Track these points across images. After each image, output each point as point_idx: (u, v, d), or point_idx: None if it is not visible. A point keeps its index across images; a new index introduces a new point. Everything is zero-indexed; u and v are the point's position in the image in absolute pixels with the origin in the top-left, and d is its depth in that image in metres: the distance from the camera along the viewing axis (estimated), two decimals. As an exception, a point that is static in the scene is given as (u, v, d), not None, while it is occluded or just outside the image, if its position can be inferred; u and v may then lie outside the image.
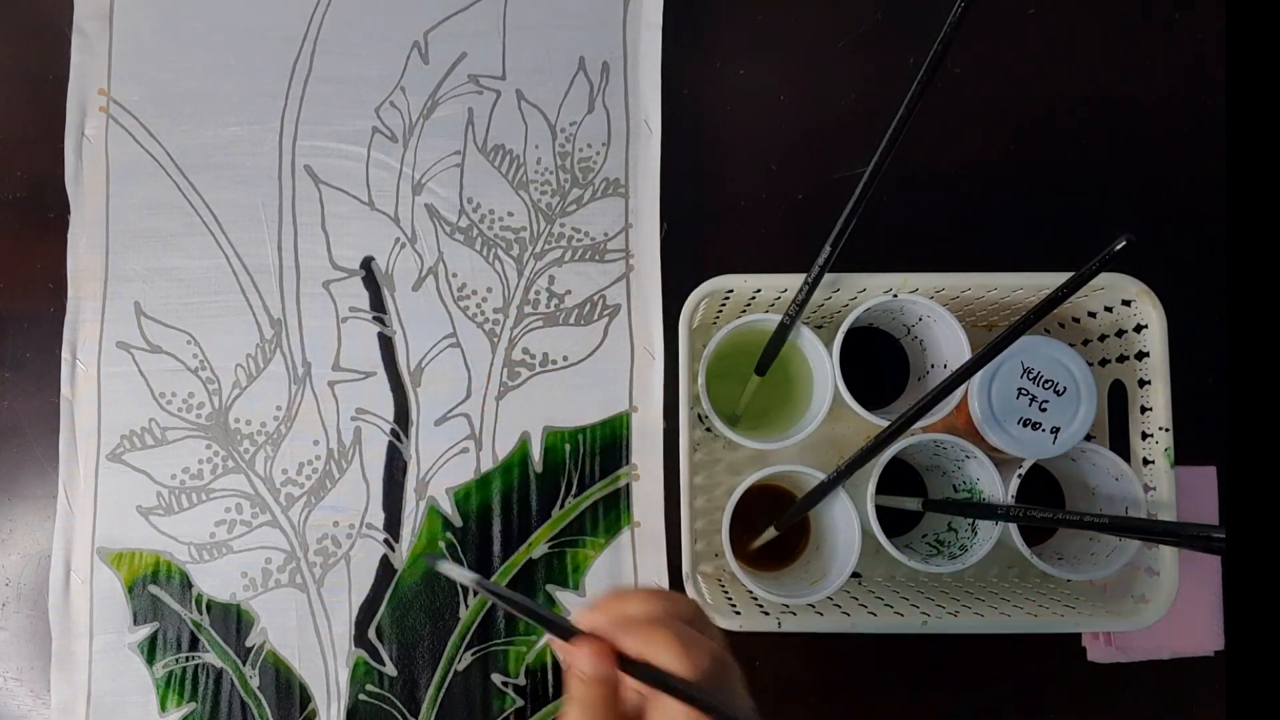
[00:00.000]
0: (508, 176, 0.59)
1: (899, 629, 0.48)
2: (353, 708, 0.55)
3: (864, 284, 0.49)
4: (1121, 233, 0.35)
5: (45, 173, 0.59)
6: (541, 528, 0.56)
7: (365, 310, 0.58)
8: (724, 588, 0.54)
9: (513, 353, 0.58)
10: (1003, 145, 0.59)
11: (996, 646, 0.55)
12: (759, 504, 0.52)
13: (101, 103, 0.60)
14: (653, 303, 0.58)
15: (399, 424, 0.57)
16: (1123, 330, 0.51)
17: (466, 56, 0.60)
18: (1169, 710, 0.56)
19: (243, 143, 0.59)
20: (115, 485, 0.57)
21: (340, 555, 0.56)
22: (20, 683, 0.57)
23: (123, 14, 0.60)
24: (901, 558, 0.48)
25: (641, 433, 0.57)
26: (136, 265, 0.59)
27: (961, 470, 0.52)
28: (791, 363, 0.53)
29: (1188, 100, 0.59)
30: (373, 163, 0.59)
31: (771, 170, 0.59)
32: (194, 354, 0.58)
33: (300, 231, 0.59)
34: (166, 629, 0.56)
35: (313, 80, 0.60)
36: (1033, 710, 0.56)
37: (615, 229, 0.59)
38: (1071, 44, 0.60)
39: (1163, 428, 0.48)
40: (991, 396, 0.48)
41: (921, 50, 0.38)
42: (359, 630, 0.56)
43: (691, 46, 0.60)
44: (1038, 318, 0.41)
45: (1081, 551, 0.52)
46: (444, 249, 0.59)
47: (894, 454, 0.48)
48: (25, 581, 0.58)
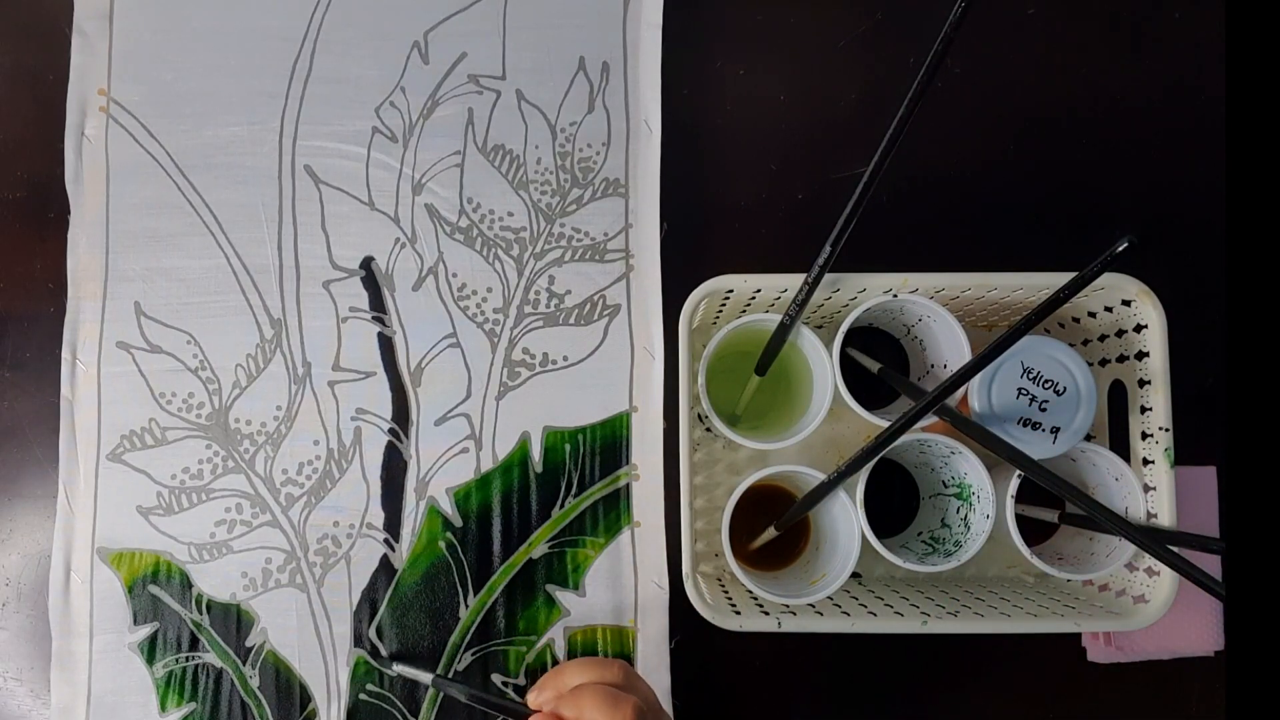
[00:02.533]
0: (508, 176, 0.59)
1: (899, 629, 0.48)
2: (353, 708, 0.55)
3: (864, 284, 0.49)
4: (1121, 233, 0.35)
5: (45, 173, 0.59)
6: (541, 528, 0.56)
7: (365, 310, 0.58)
8: (724, 588, 0.54)
9: (513, 353, 0.58)
10: (1003, 145, 0.59)
11: (996, 646, 0.55)
12: (759, 504, 0.52)
13: (101, 103, 0.60)
14: (653, 303, 0.58)
15: (399, 424, 0.57)
16: (1123, 330, 0.51)
17: (466, 56, 0.60)
18: (1169, 710, 0.56)
19: (243, 143, 0.59)
20: (115, 485, 0.57)
21: (340, 555, 0.56)
22: (20, 683, 0.57)
23: (123, 14, 0.60)
24: (897, 560, 0.48)
25: (641, 433, 0.57)
26: (136, 265, 0.59)
27: (949, 466, 0.52)
28: (791, 363, 0.53)
29: (1188, 100, 0.59)
30: (373, 163, 0.59)
31: (771, 170, 0.59)
32: (194, 354, 0.58)
33: (300, 231, 0.59)
34: (166, 629, 0.56)
35: (313, 80, 0.60)
36: (1033, 710, 0.56)
37: (615, 229, 0.59)
38: (1071, 44, 0.60)
39: (1163, 428, 0.48)
40: (991, 396, 0.48)
41: (921, 50, 0.38)
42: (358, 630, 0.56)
43: (691, 46, 0.60)
44: (1039, 319, 0.41)
45: (1081, 551, 0.52)
46: (444, 249, 0.59)
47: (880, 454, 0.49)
48: (25, 581, 0.58)
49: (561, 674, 0.42)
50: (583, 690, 0.40)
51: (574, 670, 0.42)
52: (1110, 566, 0.49)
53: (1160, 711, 0.56)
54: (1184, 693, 0.56)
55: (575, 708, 0.39)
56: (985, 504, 0.49)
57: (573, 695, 0.40)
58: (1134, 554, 0.49)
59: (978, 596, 0.52)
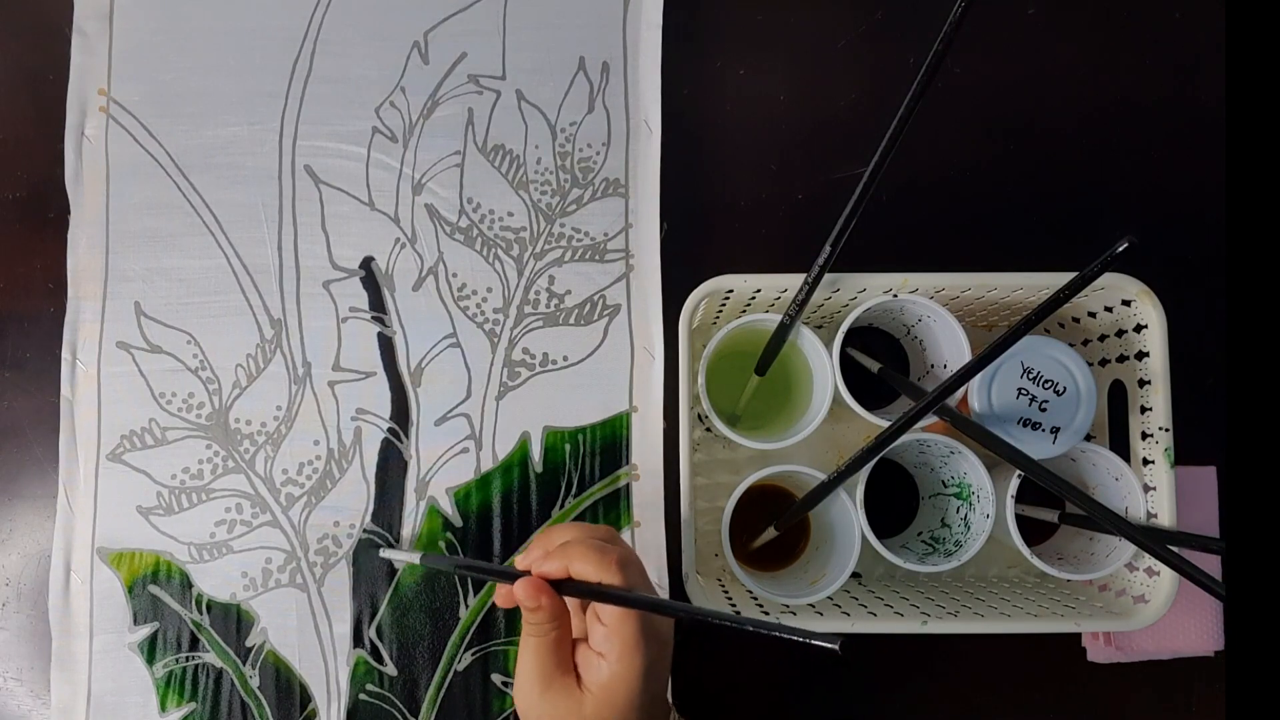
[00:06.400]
0: (508, 176, 0.59)
1: (899, 629, 0.48)
2: (353, 708, 0.55)
3: (864, 284, 0.49)
4: (1121, 233, 0.35)
5: (45, 173, 0.59)
6: (542, 527, 0.56)
7: (365, 310, 0.58)
8: (724, 588, 0.54)
9: (513, 353, 0.58)
10: (1003, 145, 0.59)
11: (996, 646, 0.55)
12: (759, 504, 0.52)
13: (101, 103, 0.60)
14: (653, 303, 0.58)
15: (399, 424, 0.57)
16: (1123, 330, 0.51)
17: (466, 56, 0.60)
18: (1169, 710, 0.56)
19: (243, 143, 0.59)
20: (115, 485, 0.57)
21: (341, 555, 0.56)
22: (20, 683, 0.57)
23: (123, 14, 0.60)
24: (897, 560, 0.48)
25: (641, 433, 0.57)
26: (136, 265, 0.59)
27: (949, 466, 0.52)
28: (791, 363, 0.53)
29: (1188, 100, 0.59)
30: (373, 163, 0.59)
31: (771, 170, 0.59)
32: (194, 354, 0.58)
33: (300, 231, 0.59)
34: (166, 629, 0.56)
35: (313, 80, 0.60)
36: (1033, 710, 0.56)
37: (615, 229, 0.59)
38: (1071, 44, 0.60)
39: (1163, 428, 0.48)
40: (991, 396, 0.48)
41: (921, 50, 0.38)
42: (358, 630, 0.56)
43: (691, 46, 0.60)
44: (1039, 319, 0.41)
45: (1081, 551, 0.52)
46: (444, 249, 0.59)
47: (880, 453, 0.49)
48: (25, 581, 0.58)
49: (550, 534, 0.43)
50: (570, 545, 0.40)
51: (562, 530, 0.43)
52: (1110, 566, 0.49)
53: (1160, 711, 0.56)
54: (1184, 693, 0.56)
55: (562, 561, 0.40)
56: (985, 504, 0.49)
57: (560, 550, 0.40)
58: (1134, 554, 0.49)
59: (978, 596, 0.52)
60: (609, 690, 0.39)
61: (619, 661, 0.39)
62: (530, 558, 0.41)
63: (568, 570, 0.40)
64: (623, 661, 0.39)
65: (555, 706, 0.40)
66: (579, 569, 0.39)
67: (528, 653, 0.41)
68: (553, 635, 0.41)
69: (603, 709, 0.39)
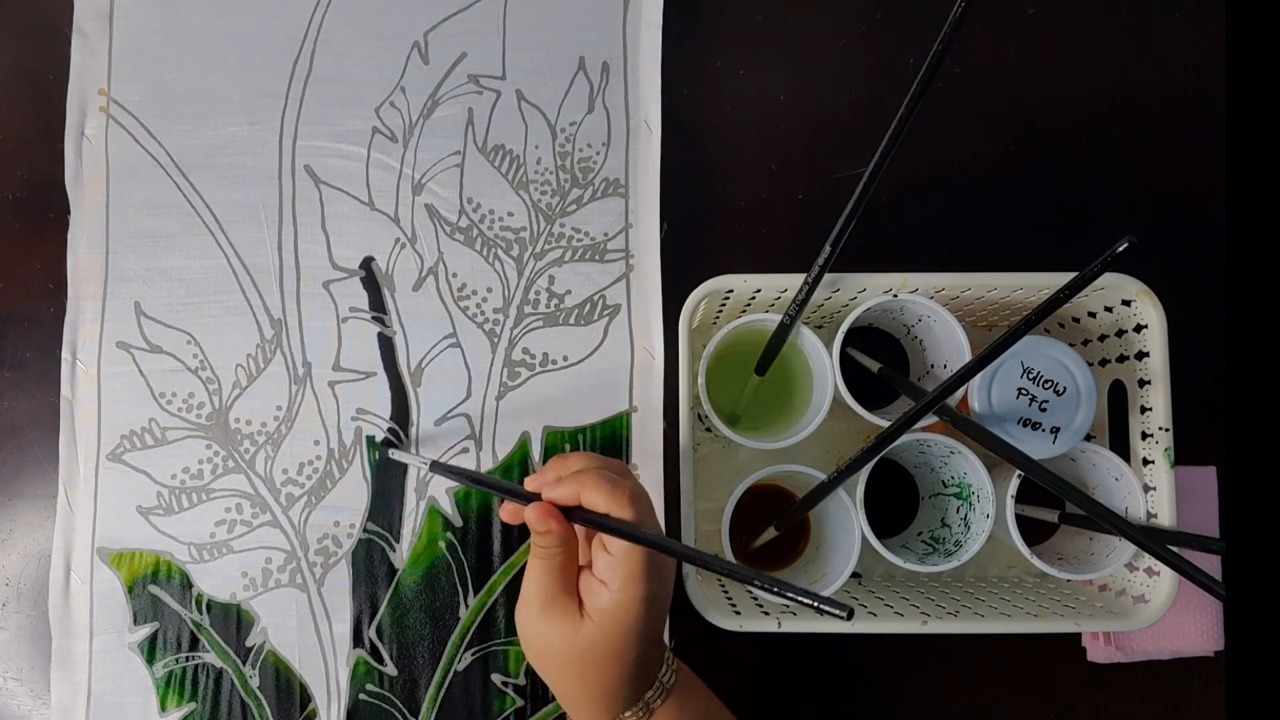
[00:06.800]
0: (508, 176, 0.59)
1: (899, 629, 0.48)
2: (353, 708, 0.55)
3: (864, 284, 0.49)
4: (1121, 233, 0.35)
5: (45, 173, 0.59)
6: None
7: (365, 310, 0.58)
8: (724, 588, 0.54)
9: (513, 353, 0.58)
10: (1003, 145, 0.59)
11: (996, 646, 0.55)
12: (759, 504, 0.52)
13: (101, 103, 0.60)
14: (653, 303, 0.58)
15: (399, 424, 0.57)
16: (1123, 330, 0.51)
17: (466, 56, 0.60)
18: (1169, 710, 0.56)
19: (243, 143, 0.59)
20: (115, 485, 0.57)
21: (341, 555, 0.56)
22: (20, 683, 0.57)
23: (123, 14, 0.60)
24: (897, 560, 0.48)
25: (641, 433, 0.57)
26: (136, 265, 0.59)
27: (949, 466, 0.52)
28: (791, 363, 0.53)
29: (1188, 100, 0.59)
30: (373, 163, 0.59)
31: (771, 170, 0.59)
32: (194, 354, 0.58)
33: (300, 231, 0.59)
34: (166, 629, 0.56)
35: (313, 80, 0.60)
36: (1033, 710, 0.56)
37: (615, 229, 0.59)
38: (1071, 44, 0.60)
39: (1163, 428, 0.48)
40: (991, 396, 0.48)
41: (921, 50, 0.38)
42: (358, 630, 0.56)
43: (691, 46, 0.60)
44: (1039, 319, 0.41)
45: (1081, 551, 0.52)
46: (444, 249, 0.59)
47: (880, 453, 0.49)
48: (25, 581, 0.58)
49: (565, 460, 0.43)
50: (584, 473, 0.40)
51: (576, 457, 0.43)
52: (1110, 566, 0.49)
53: (1160, 711, 0.56)
54: (1184, 693, 0.56)
55: (575, 488, 0.40)
56: (985, 504, 0.49)
57: (574, 478, 0.40)
58: (1134, 554, 0.49)
59: (978, 596, 0.52)
60: (608, 616, 0.40)
61: (621, 590, 0.39)
62: (543, 480, 0.41)
63: (579, 498, 0.40)
64: (625, 590, 0.39)
65: (553, 625, 0.41)
66: (590, 498, 0.40)
67: (532, 574, 0.41)
68: (559, 559, 0.41)
69: (600, 634, 0.40)
